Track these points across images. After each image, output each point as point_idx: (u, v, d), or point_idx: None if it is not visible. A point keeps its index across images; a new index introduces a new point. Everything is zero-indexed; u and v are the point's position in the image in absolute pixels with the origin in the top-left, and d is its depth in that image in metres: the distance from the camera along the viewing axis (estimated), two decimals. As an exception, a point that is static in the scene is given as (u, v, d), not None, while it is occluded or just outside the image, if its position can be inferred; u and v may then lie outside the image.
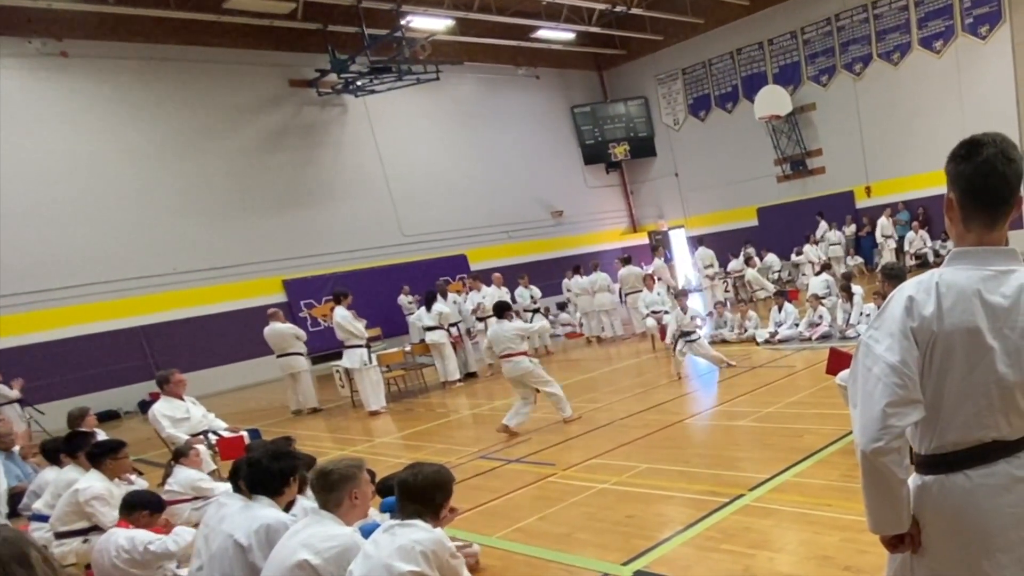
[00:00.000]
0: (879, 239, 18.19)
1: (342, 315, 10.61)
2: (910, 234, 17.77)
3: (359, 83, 16.85)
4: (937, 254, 16.98)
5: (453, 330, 12.56)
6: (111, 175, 14.46)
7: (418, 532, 2.90)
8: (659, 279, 16.06)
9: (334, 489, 3.17)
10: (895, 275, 5.33)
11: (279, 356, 11.49)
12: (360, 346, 10.70)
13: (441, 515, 3.10)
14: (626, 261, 15.12)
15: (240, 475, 3.77)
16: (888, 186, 18.97)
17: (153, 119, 15.02)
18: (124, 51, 14.63)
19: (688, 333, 9.93)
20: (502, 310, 8.31)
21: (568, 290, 16.85)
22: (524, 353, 7.95)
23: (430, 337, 12.01)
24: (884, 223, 18.04)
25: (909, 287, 1.84)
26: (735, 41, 20.96)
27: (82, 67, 14.23)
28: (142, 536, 4.27)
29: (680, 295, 11.15)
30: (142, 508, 4.41)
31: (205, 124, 15.72)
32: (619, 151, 23.29)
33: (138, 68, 14.86)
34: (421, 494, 3.01)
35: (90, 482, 5.16)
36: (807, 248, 17.85)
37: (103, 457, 5.32)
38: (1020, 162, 1.82)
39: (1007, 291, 1.80)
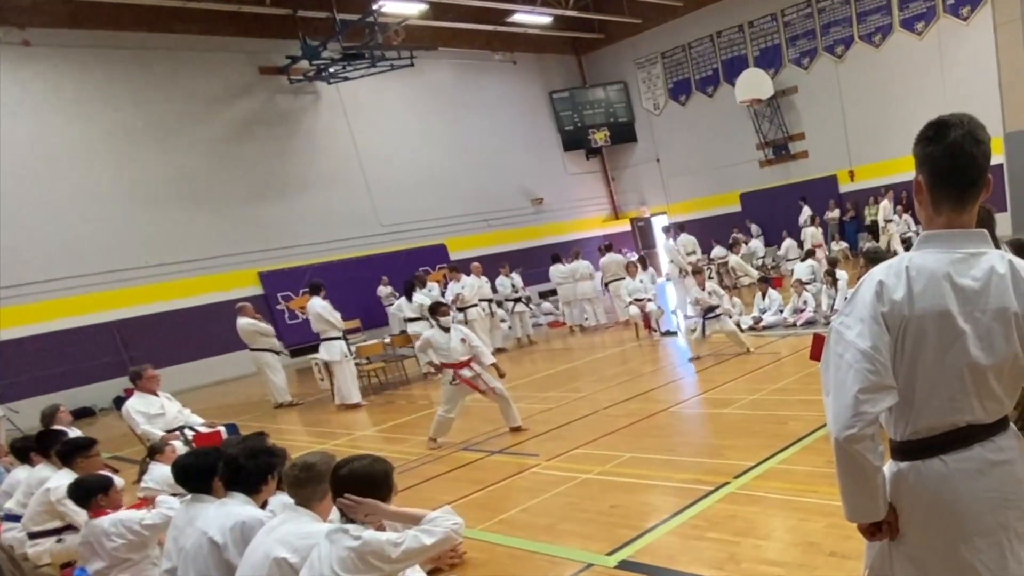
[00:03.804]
0: (881, 222, 17.54)
1: (321, 305, 10.48)
2: (894, 218, 17.70)
3: (331, 70, 16.58)
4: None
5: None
6: (77, 167, 14.13)
7: (350, 539, 2.74)
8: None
9: (319, 482, 3.05)
10: (878, 260, 5.28)
11: (251, 350, 11.38)
12: (339, 338, 10.61)
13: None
14: (607, 248, 15.05)
15: (190, 474, 3.74)
16: (872, 170, 18.93)
17: (119, 109, 14.70)
18: (88, 39, 14.29)
19: (712, 308, 9.73)
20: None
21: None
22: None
23: (412, 328, 11.88)
24: (887, 206, 17.34)
25: (879, 272, 1.84)
26: (715, 24, 20.82)
27: (45, 56, 13.86)
28: (130, 515, 4.19)
29: (697, 272, 10.77)
30: (93, 493, 4.28)
31: (173, 114, 15.40)
32: (599, 137, 23.15)
33: (103, 57, 14.51)
34: (357, 494, 2.83)
35: (61, 481, 5.06)
36: (809, 230, 17.74)
37: (74, 455, 5.27)
38: (989, 143, 1.81)
39: (977, 274, 1.80)
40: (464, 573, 4.29)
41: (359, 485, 2.82)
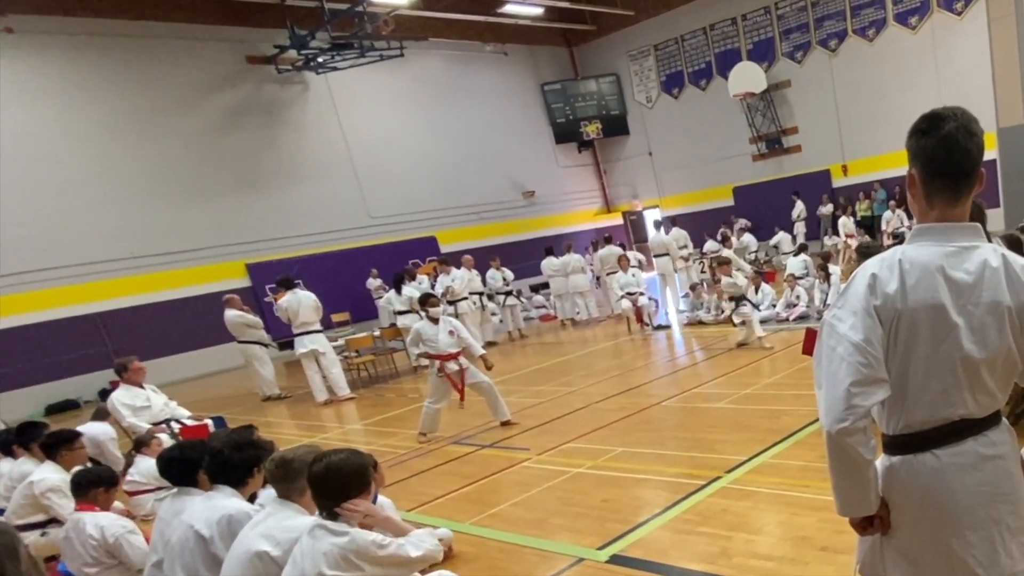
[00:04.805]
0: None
1: (313, 297, 10.39)
2: (887, 213, 17.50)
3: (320, 60, 16.41)
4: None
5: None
6: (61, 156, 13.93)
7: (334, 536, 2.69)
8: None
9: (294, 479, 3.01)
10: (870, 254, 5.26)
11: (239, 343, 11.27)
12: (320, 331, 10.57)
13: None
14: (607, 241, 15.01)
15: (175, 467, 3.71)
16: (865, 164, 18.89)
17: (105, 97, 14.52)
18: (73, 26, 14.09)
19: (742, 298, 9.80)
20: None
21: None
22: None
23: (401, 321, 11.80)
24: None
25: (872, 265, 1.83)
26: (708, 16, 20.73)
27: (28, 43, 13.65)
28: (113, 529, 4.10)
29: (723, 263, 10.79)
30: (96, 485, 4.23)
31: (160, 103, 15.22)
32: (591, 129, 23.04)
33: (88, 44, 14.31)
34: (333, 489, 2.77)
35: (45, 474, 5.07)
36: (843, 220, 17.59)
37: (58, 448, 5.28)
38: (982, 136, 1.81)
39: (970, 267, 1.80)
40: (454, 567, 4.22)
41: (335, 480, 2.75)
